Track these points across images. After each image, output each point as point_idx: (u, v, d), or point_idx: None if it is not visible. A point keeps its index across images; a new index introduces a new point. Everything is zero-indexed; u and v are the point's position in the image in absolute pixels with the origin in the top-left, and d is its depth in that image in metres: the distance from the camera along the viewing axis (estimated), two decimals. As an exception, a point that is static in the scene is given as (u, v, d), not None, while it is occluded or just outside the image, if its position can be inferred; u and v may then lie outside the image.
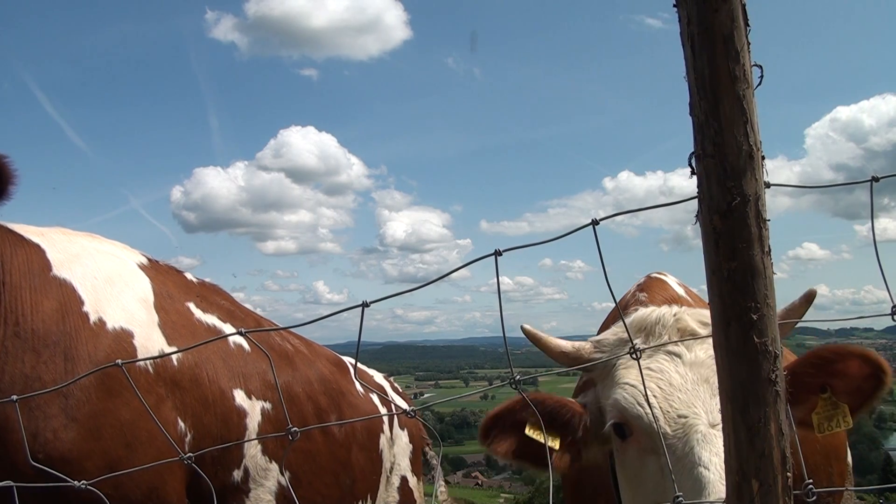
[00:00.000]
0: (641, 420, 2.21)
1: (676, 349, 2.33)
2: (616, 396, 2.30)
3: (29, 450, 2.30)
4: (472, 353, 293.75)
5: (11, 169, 2.46)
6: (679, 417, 2.14)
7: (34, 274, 2.67)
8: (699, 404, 2.16)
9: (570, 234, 1.77)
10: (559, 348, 2.51)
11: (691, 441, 2.07)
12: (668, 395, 2.20)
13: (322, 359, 3.97)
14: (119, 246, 3.22)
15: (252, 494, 3.05)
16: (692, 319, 2.42)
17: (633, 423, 2.25)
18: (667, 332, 2.39)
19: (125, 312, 2.82)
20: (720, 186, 1.27)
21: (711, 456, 2.00)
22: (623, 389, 2.28)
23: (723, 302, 1.30)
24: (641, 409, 2.20)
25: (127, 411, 2.57)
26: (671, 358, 2.31)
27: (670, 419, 2.16)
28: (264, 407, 3.15)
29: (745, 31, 1.25)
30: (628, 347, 2.08)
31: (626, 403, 2.25)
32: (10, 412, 2.32)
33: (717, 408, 2.10)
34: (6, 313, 2.52)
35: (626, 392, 2.27)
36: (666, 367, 2.28)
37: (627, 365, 2.34)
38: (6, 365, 2.44)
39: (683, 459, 2.06)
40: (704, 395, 2.18)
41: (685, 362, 2.29)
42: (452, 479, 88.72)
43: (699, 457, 2.01)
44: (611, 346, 2.48)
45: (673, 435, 2.13)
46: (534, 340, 2.51)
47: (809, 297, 2.31)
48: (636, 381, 2.26)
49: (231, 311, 3.49)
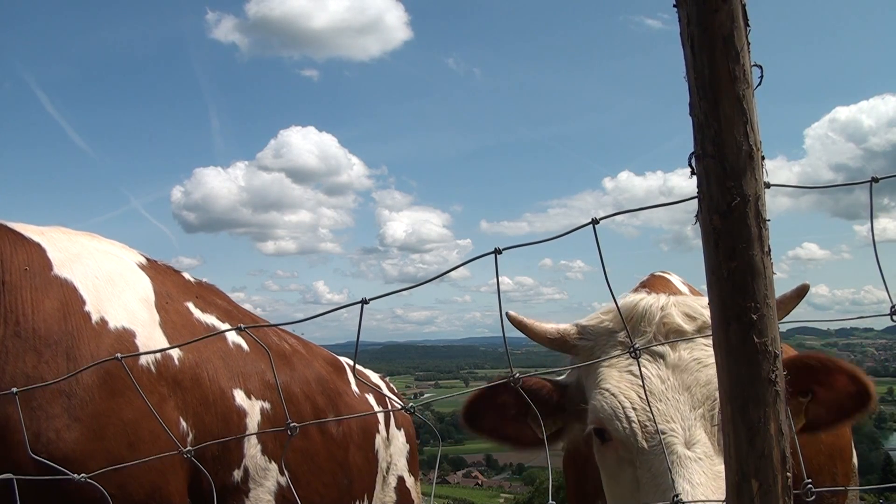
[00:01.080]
0: (619, 432, 2.18)
1: (660, 349, 2.27)
2: (595, 403, 2.26)
3: (32, 450, 2.29)
4: (472, 353, 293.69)
5: None
6: (656, 433, 2.10)
7: (35, 273, 2.66)
8: (678, 419, 2.11)
9: (570, 234, 1.78)
10: (544, 333, 2.48)
11: (667, 461, 2.03)
12: (647, 406, 2.15)
13: (319, 359, 3.97)
14: (118, 246, 3.22)
15: (252, 494, 3.05)
16: (678, 314, 2.35)
17: (612, 433, 2.22)
18: (652, 328, 2.33)
19: (127, 312, 2.82)
20: (720, 186, 1.27)
21: (684, 483, 1.95)
22: (603, 397, 2.24)
23: (723, 302, 1.30)
24: (619, 423, 2.17)
25: (130, 411, 2.57)
26: (654, 359, 2.26)
27: (648, 434, 2.12)
28: (263, 406, 3.15)
29: (744, 32, 1.25)
30: (628, 348, 2.07)
31: (605, 414, 2.22)
32: (11, 411, 2.32)
33: (697, 423, 2.08)
34: (6, 313, 2.52)
35: (606, 402, 2.22)
36: (649, 370, 2.23)
37: (610, 363, 2.30)
38: (7, 364, 2.43)
39: (658, 478, 2.04)
40: (684, 407, 2.13)
41: (668, 364, 2.24)
42: (452, 479, 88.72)
43: (674, 480, 1.98)
44: (595, 334, 2.44)
45: (650, 451, 2.10)
46: (518, 326, 2.50)
47: (802, 291, 2.28)
48: (617, 390, 2.22)
49: (229, 311, 3.50)
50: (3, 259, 2.62)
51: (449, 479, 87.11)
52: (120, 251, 3.16)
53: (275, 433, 3.07)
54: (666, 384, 2.20)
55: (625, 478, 2.21)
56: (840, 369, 2.24)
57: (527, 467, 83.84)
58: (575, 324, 2.52)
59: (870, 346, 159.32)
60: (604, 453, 2.31)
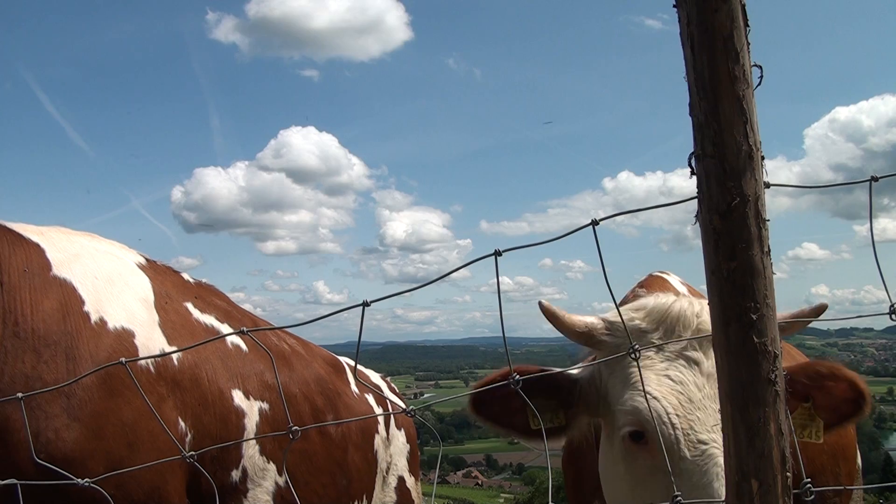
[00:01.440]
0: (664, 438, 2.12)
1: (696, 355, 2.23)
2: (636, 405, 2.20)
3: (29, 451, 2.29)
4: (472, 353, 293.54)
5: None
6: (699, 443, 2.08)
7: (34, 273, 2.66)
8: (717, 430, 2.08)
9: (570, 235, 1.78)
10: (573, 325, 2.43)
11: (710, 474, 2.02)
12: (689, 413, 2.12)
13: (318, 359, 3.97)
14: (117, 246, 3.22)
15: (250, 495, 3.05)
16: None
17: (651, 436, 2.16)
18: (688, 333, 2.29)
19: (126, 312, 2.81)
20: (720, 186, 1.27)
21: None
22: (646, 400, 2.16)
23: (722, 302, 1.30)
24: (665, 427, 2.12)
25: (129, 411, 2.57)
26: (690, 366, 2.22)
27: (690, 443, 2.09)
28: (262, 407, 3.15)
29: (744, 32, 1.26)
30: (627, 349, 2.06)
31: (647, 417, 2.15)
32: (11, 412, 2.32)
33: None
34: (5, 313, 2.52)
35: (651, 405, 2.15)
36: (685, 377, 2.19)
37: (645, 365, 2.24)
38: (6, 365, 2.43)
39: (699, 490, 2.02)
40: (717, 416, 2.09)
41: (703, 372, 2.20)
42: (452, 479, 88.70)
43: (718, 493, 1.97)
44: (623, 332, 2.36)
45: (691, 460, 2.08)
46: (549, 315, 2.45)
47: (820, 310, 2.29)
48: (659, 393, 2.17)
49: (228, 311, 3.50)
50: (1, 260, 2.62)
51: (449, 479, 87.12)
52: (119, 251, 3.16)
53: (273, 434, 3.07)
54: (702, 392, 2.17)
55: (657, 484, 2.16)
56: (844, 377, 2.25)
57: (527, 467, 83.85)
58: (602, 318, 2.47)
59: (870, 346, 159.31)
60: (636, 456, 2.25)
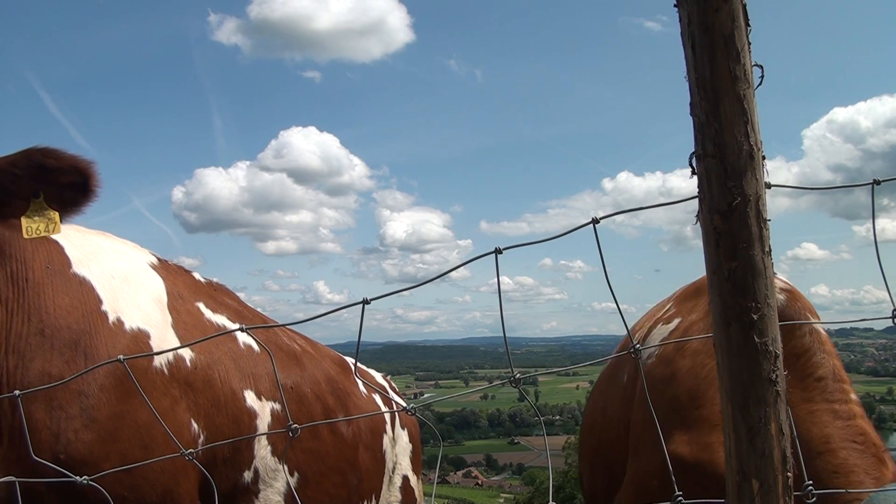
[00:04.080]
0: None
1: None
2: None
3: (51, 451, 2.30)
4: (472, 353, 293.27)
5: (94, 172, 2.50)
6: None
7: (55, 271, 2.65)
8: None
9: (570, 233, 1.77)
10: None
11: None
12: None
13: (327, 359, 3.97)
14: (130, 245, 3.20)
15: (261, 495, 3.05)
16: None
17: None
18: None
19: (142, 312, 2.80)
20: (721, 186, 1.27)
21: None
22: None
23: (723, 302, 1.30)
24: None
25: (144, 413, 2.56)
26: None
27: None
28: (274, 408, 3.14)
29: (745, 31, 1.26)
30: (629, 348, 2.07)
31: None
32: (34, 411, 2.32)
33: None
34: (30, 310, 2.51)
35: None
36: None
37: None
38: (32, 363, 2.43)
39: None
40: None
41: None
42: (452, 479, 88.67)
43: None
44: None
45: None
46: None
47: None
48: None
49: (239, 311, 3.49)
50: (25, 257, 2.61)
51: (449, 479, 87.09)
52: (132, 250, 3.15)
53: (283, 434, 3.07)
54: None
55: None
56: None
57: (527, 467, 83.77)
58: None
59: (870, 347, 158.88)
60: None
